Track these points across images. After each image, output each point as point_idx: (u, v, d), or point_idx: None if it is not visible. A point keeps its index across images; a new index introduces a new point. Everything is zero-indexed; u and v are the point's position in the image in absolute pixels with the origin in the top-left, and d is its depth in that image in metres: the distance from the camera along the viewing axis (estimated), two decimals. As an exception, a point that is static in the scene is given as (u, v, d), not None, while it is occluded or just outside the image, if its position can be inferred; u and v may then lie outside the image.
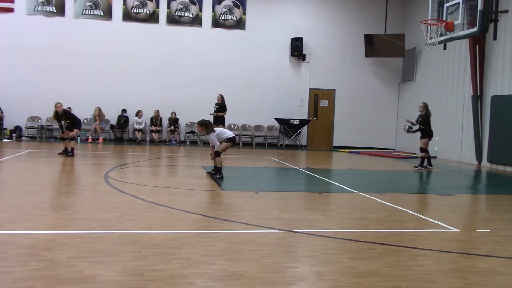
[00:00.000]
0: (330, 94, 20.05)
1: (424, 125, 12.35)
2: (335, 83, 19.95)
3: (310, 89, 19.81)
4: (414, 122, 12.54)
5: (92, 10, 18.23)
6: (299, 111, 19.64)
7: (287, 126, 18.91)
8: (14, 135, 17.38)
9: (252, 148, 18.42)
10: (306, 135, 19.88)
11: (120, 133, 18.59)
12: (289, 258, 4.27)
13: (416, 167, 12.55)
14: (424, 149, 12.39)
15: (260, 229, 5.33)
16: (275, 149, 18.48)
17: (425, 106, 12.42)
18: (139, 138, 18.27)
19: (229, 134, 9.34)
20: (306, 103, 19.81)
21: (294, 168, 12.06)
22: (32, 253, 4.06)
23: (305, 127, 19.46)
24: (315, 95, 19.94)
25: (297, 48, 19.14)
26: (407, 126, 12.67)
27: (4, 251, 4.10)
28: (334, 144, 19.98)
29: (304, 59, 19.46)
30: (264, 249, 4.48)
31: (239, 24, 19.14)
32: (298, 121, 18.88)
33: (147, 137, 18.69)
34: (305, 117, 19.64)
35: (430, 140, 12.45)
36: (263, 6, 19.24)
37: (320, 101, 20.03)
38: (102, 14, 18.29)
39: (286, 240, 4.93)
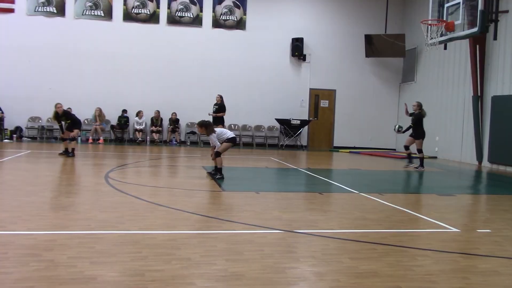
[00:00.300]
0: (330, 94, 20.05)
1: (415, 124, 12.39)
2: (336, 83, 19.96)
3: (310, 89, 19.81)
4: (409, 112, 12.65)
5: (93, 11, 18.24)
6: (299, 111, 19.65)
7: (287, 126, 18.91)
8: (14, 135, 17.39)
9: (252, 149, 18.42)
10: (306, 135, 19.88)
11: (120, 133, 18.59)
12: (289, 258, 4.27)
13: (416, 167, 12.56)
14: (420, 150, 12.51)
15: (260, 229, 5.34)
16: (275, 149, 18.48)
17: (419, 105, 12.47)
18: (140, 139, 18.27)
19: (230, 134, 9.34)
20: (306, 103, 19.82)
21: (294, 169, 12.06)
22: (33, 254, 4.06)
23: (306, 127, 19.47)
24: (316, 95, 19.95)
25: (297, 48, 19.14)
26: (397, 126, 13.26)
27: (4, 252, 4.11)
28: (335, 144, 19.99)
29: (304, 59, 19.46)
30: (264, 250, 4.48)
31: (240, 24, 19.14)
32: (298, 121, 18.87)
33: (148, 137, 18.69)
34: (306, 117, 19.64)
35: (423, 139, 12.52)
36: (263, 6, 19.25)
37: (321, 101, 20.04)
38: (102, 15, 18.30)
39: (286, 240, 4.93)
